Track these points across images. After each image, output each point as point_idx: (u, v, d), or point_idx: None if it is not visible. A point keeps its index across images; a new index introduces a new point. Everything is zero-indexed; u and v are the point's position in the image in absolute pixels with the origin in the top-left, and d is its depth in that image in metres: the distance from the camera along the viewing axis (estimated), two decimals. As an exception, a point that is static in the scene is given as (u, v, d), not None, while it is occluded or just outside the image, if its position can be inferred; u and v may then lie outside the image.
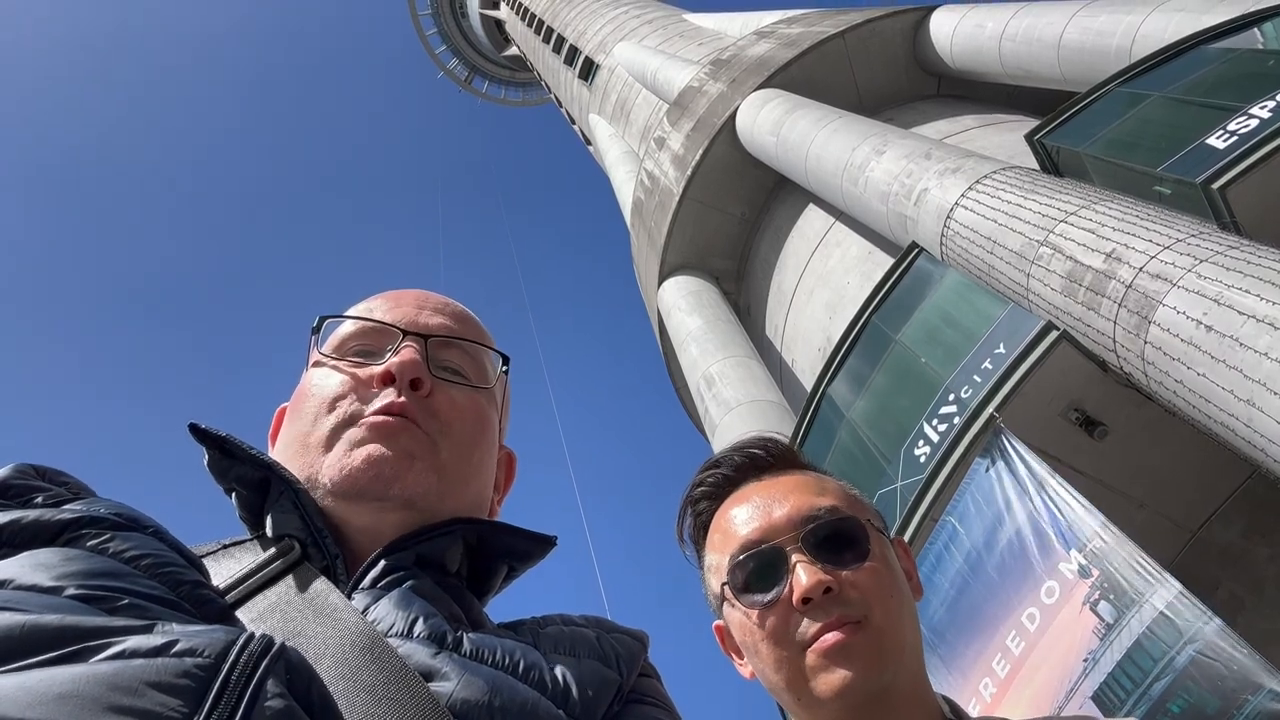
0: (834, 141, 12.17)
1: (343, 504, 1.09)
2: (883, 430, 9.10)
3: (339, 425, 1.14)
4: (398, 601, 0.98)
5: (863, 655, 1.14)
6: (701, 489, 1.41)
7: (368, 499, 1.08)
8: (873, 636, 1.16)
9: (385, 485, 1.08)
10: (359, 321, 1.28)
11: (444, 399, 1.20)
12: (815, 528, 1.23)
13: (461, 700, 0.86)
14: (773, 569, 1.21)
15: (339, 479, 1.09)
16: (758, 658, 1.23)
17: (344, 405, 1.16)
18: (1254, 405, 5.44)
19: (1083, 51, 11.58)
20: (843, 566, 1.20)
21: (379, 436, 1.12)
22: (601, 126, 24.95)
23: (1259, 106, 7.37)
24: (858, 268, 12.69)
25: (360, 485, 1.08)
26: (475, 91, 60.91)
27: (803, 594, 1.16)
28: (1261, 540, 7.82)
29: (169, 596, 0.82)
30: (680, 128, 16.86)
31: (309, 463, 1.13)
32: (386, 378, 1.16)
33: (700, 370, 13.92)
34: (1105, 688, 5.87)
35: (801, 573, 1.18)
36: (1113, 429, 7.59)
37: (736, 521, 1.29)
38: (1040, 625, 6.47)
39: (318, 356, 1.25)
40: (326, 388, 1.19)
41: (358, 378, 1.19)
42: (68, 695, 0.63)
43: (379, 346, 1.24)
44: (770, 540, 1.23)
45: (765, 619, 1.20)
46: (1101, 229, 7.21)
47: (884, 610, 1.19)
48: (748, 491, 1.34)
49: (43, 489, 0.92)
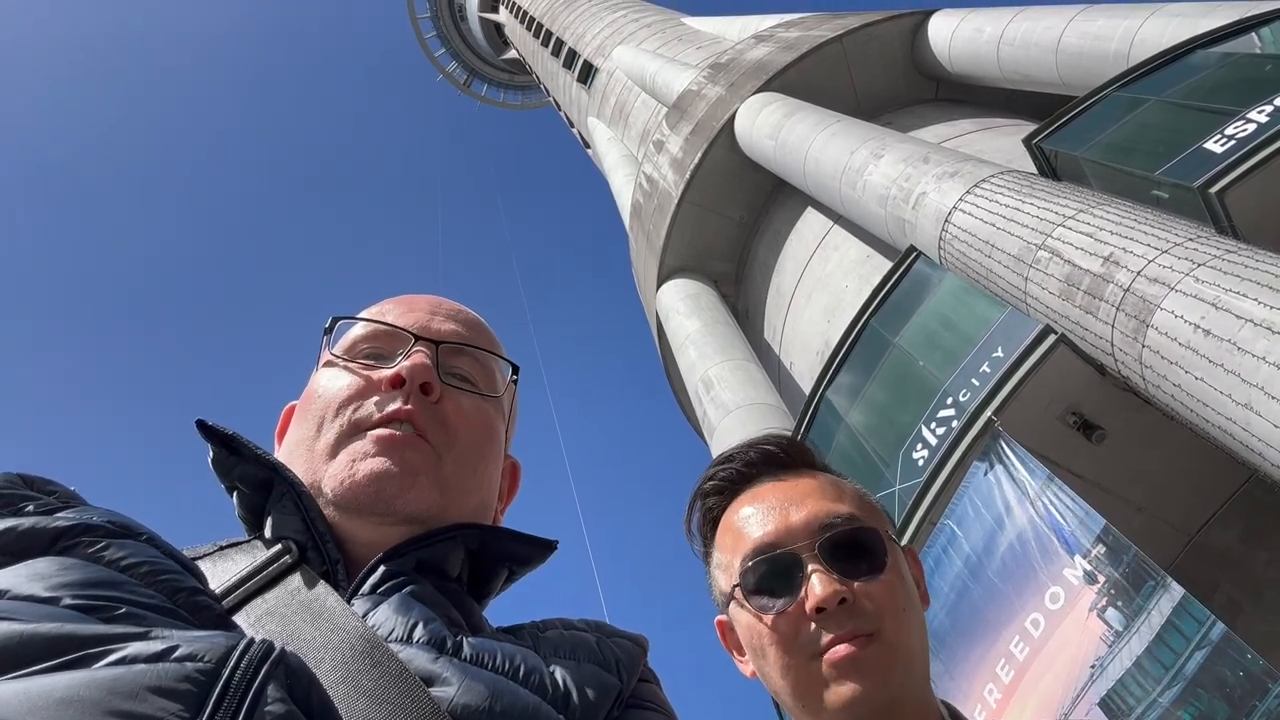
0: (832, 145, 12.18)
1: (344, 516, 1.09)
2: (881, 434, 9.10)
3: (345, 433, 1.14)
4: (398, 606, 0.97)
5: (873, 669, 1.13)
6: (713, 483, 1.38)
7: (368, 514, 1.08)
8: (884, 650, 1.14)
9: (387, 502, 1.08)
10: (371, 324, 1.28)
11: (452, 406, 1.20)
12: (833, 536, 1.20)
13: (463, 705, 0.86)
14: (787, 575, 1.19)
15: (341, 491, 1.09)
16: (764, 661, 1.22)
17: (351, 409, 1.16)
18: (1251, 409, 5.44)
19: (1081, 56, 11.61)
20: (857, 577, 1.18)
21: (383, 450, 1.11)
22: (600, 130, 24.96)
23: (1256, 111, 7.38)
24: (856, 271, 12.70)
25: (361, 500, 1.08)
26: (474, 94, 60.93)
27: (817, 603, 1.14)
28: (1259, 544, 7.82)
29: (166, 604, 0.81)
30: (679, 131, 16.87)
31: (313, 468, 1.13)
32: (396, 381, 1.16)
33: (699, 373, 13.92)
34: (1113, 694, 5.85)
35: (816, 582, 1.16)
36: (1111, 433, 7.59)
37: (750, 522, 1.26)
38: (1045, 631, 6.46)
39: (329, 356, 1.25)
40: (335, 389, 1.19)
41: (368, 380, 1.19)
42: (69, 700, 0.63)
43: (390, 350, 1.24)
44: (786, 545, 1.21)
45: (776, 625, 1.18)
46: (1099, 233, 7.22)
47: (895, 623, 1.17)
48: (762, 491, 1.31)
49: (32, 497, 0.91)
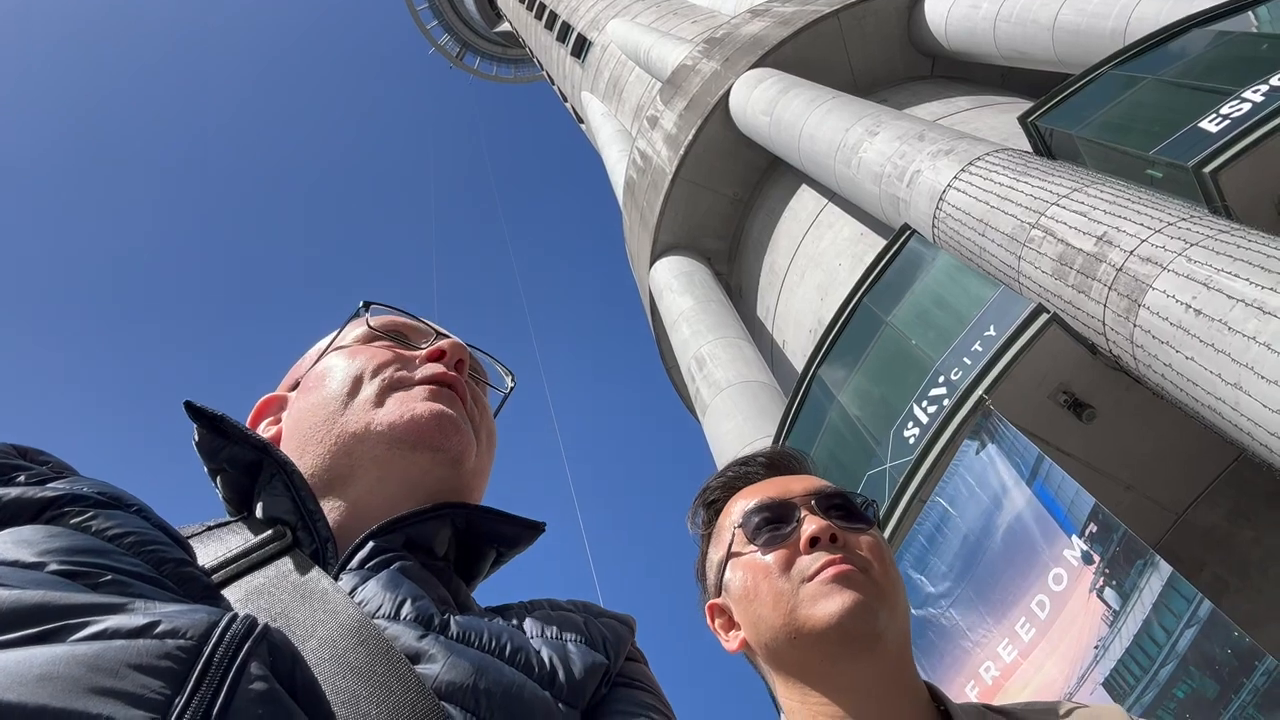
0: (827, 122, 12.12)
1: (396, 452, 1.11)
2: (872, 412, 9.14)
3: (389, 385, 1.18)
4: (385, 583, 0.97)
5: (863, 589, 1.20)
6: (720, 479, 1.51)
7: (425, 448, 1.12)
8: (873, 584, 1.22)
9: (445, 438, 1.13)
10: (398, 314, 1.34)
11: (477, 395, 1.28)
12: (827, 494, 1.35)
13: (447, 683, 0.86)
14: (783, 521, 1.31)
15: (401, 424, 1.12)
16: (758, 602, 1.27)
17: (392, 369, 1.20)
18: (1241, 389, 5.47)
19: (1077, 33, 11.54)
20: (848, 528, 1.30)
21: (437, 398, 1.17)
22: (594, 105, 24.80)
23: (1252, 90, 7.36)
24: (850, 249, 12.68)
25: (423, 433, 1.12)
26: (466, 68, 60.40)
27: (810, 535, 1.26)
28: (1246, 523, 7.90)
29: (152, 574, 0.81)
30: (673, 106, 16.75)
31: (354, 419, 1.14)
32: (436, 354, 1.22)
33: (691, 351, 13.93)
34: (1115, 674, 5.94)
35: (810, 522, 1.28)
36: (1101, 412, 7.64)
37: (748, 496, 1.40)
38: (1051, 613, 6.51)
39: (365, 329, 1.30)
40: (369, 354, 1.22)
41: (401, 355, 1.24)
42: (47, 677, 0.62)
43: (415, 340, 1.30)
44: (784, 499, 1.34)
45: (769, 554, 1.28)
46: (1093, 212, 7.22)
47: (883, 570, 1.26)
48: (764, 484, 1.43)
49: (24, 467, 0.90)
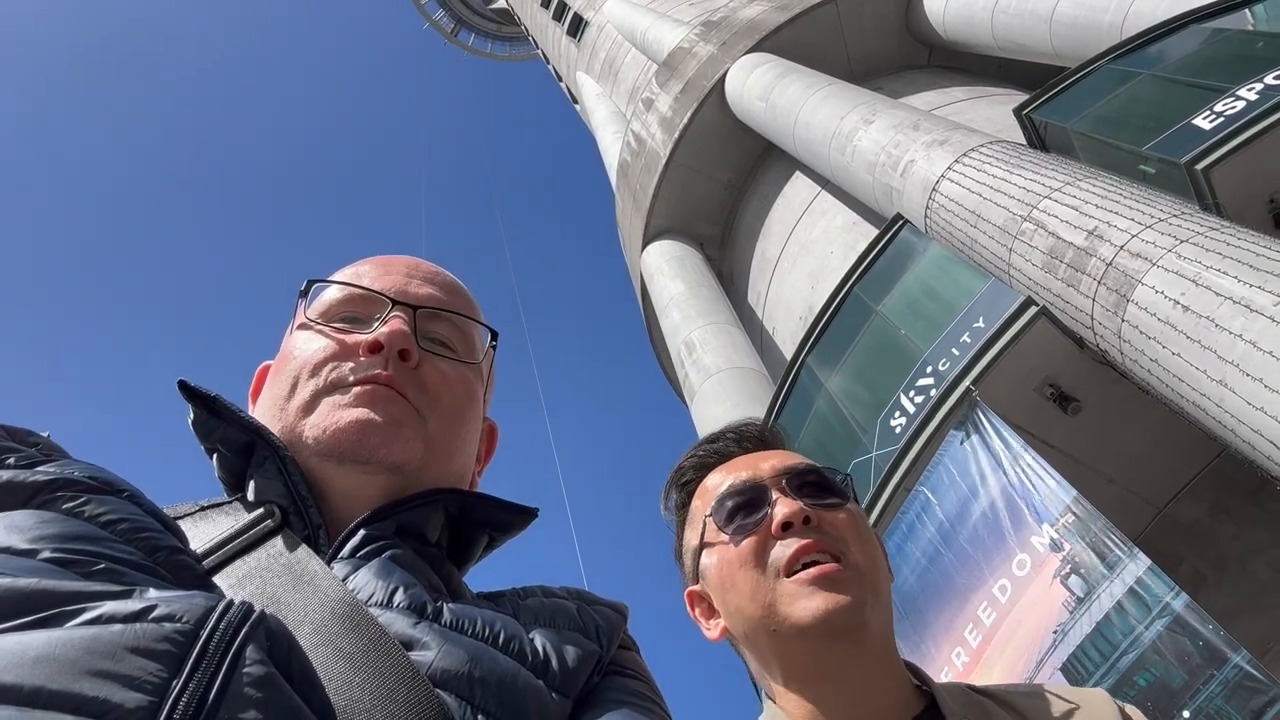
0: (823, 109, 12.08)
1: (327, 465, 1.07)
2: (860, 400, 9.18)
3: (323, 389, 1.12)
4: (378, 571, 0.97)
5: (845, 586, 1.16)
6: (691, 459, 1.46)
7: (352, 461, 1.07)
8: (853, 574, 1.18)
9: (371, 450, 1.07)
10: (347, 288, 1.25)
11: (432, 371, 1.19)
12: (798, 471, 1.30)
13: (441, 670, 0.86)
14: (755, 505, 1.26)
15: (324, 439, 1.07)
16: (734, 593, 1.24)
17: (328, 369, 1.14)
18: (1226, 386, 5.52)
19: (1075, 26, 11.52)
20: (821, 506, 1.25)
21: (364, 402, 1.10)
22: (589, 85, 24.63)
23: (1246, 88, 7.37)
24: (841, 238, 12.68)
25: (345, 447, 1.06)
26: (461, 44, 59.84)
27: (782, 520, 1.21)
28: (1226, 518, 7.99)
29: (145, 562, 0.80)
30: (669, 89, 16.65)
31: (289, 425, 1.11)
32: (374, 347, 1.14)
33: (681, 336, 13.93)
34: (1074, 660, 6.01)
35: (781, 505, 1.24)
36: (1086, 405, 7.69)
37: (721, 477, 1.35)
38: (1011, 597, 6.60)
39: (303, 319, 1.23)
40: (311, 351, 1.17)
41: (344, 344, 1.16)
42: (44, 659, 0.62)
43: (366, 314, 1.21)
44: (754, 481, 1.29)
45: (741, 543, 1.24)
46: (1084, 206, 7.24)
47: (861, 552, 1.22)
48: (735, 461, 1.39)
49: (14, 449, 0.89)
